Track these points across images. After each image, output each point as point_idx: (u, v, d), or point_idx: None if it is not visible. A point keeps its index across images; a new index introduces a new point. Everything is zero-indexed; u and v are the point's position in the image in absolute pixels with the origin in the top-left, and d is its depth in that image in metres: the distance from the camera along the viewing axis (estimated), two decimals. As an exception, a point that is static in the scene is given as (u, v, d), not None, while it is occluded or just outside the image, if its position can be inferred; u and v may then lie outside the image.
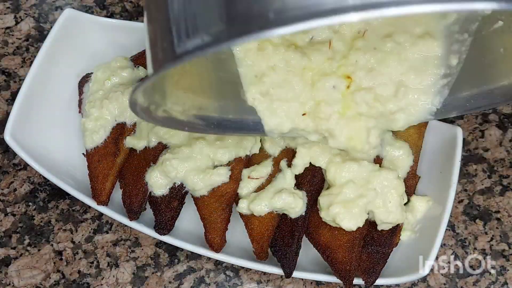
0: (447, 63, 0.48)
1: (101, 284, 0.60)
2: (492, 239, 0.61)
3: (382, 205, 0.54)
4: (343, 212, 0.53)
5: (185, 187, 0.57)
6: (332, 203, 0.54)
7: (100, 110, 0.59)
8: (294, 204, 0.54)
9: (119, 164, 0.59)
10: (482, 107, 0.51)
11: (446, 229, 0.56)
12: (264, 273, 0.60)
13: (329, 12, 0.29)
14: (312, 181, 0.56)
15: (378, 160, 0.56)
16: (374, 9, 0.28)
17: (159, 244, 0.62)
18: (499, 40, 0.46)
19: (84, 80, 0.63)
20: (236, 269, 0.61)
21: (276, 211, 0.55)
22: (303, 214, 0.55)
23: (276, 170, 0.57)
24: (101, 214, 0.63)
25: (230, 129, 0.52)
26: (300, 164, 0.56)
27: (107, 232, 0.63)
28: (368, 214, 0.55)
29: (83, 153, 0.60)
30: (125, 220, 0.58)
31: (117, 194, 0.59)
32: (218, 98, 0.52)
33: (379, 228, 0.55)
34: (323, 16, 0.29)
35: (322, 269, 0.57)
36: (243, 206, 0.55)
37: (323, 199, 0.55)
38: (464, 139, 0.62)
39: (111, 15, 0.75)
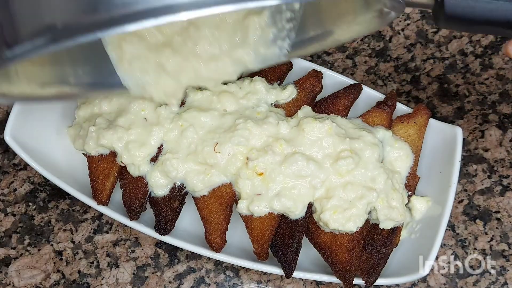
0: (291, 7, 0.50)
1: (101, 284, 0.60)
2: (492, 239, 0.61)
3: (386, 202, 0.54)
4: (335, 218, 0.53)
5: (185, 187, 0.56)
6: (323, 209, 0.54)
7: None
8: (294, 208, 0.54)
9: (120, 164, 0.59)
10: (324, 47, 0.53)
11: (446, 229, 0.56)
12: (264, 273, 0.60)
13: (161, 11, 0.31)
14: None
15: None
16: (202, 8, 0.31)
17: (159, 244, 0.62)
18: None
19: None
20: (236, 269, 0.61)
21: (276, 213, 0.55)
22: (303, 215, 0.55)
23: None
24: (101, 214, 0.63)
25: (100, 89, 0.53)
26: None
27: (107, 232, 0.63)
28: (368, 214, 0.55)
29: (83, 153, 0.60)
30: (125, 220, 0.58)
31: (117, 194, 0.59)
32: (81, 65, 0.52)
33: (382, 226, 0.55)
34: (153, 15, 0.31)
35: (322, 269, 0.57)
36: (242, 207, 0.55)
37: (316, 203, 0.55)
38: (464, 139, 0.62)
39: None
